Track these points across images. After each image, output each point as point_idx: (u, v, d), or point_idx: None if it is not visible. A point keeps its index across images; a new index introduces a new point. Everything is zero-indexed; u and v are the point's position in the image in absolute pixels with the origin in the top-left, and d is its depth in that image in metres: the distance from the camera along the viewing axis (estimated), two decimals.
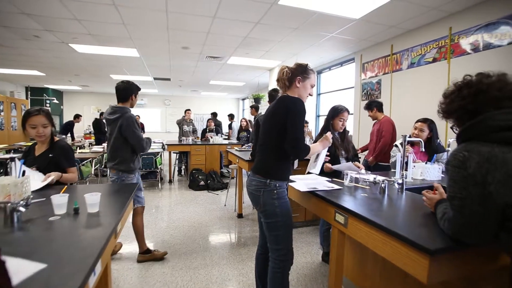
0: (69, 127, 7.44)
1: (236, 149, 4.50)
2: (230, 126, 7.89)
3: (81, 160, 4.27)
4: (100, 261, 0.98)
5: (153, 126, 12.53)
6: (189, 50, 5.14)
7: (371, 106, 3.60)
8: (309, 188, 1.74)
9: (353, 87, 5.18)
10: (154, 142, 6.18)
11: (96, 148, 5.65)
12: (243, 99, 13.64)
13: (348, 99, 5.30)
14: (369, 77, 4.71)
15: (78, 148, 6.24)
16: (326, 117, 2.46)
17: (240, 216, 3.73)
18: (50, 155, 1.93)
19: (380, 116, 3.57)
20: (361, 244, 1.34)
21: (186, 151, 6.15)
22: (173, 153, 6.42)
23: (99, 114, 8.16)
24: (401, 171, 1.87)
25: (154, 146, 6.13)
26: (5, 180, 1.36)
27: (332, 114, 2.40)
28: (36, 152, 1.96)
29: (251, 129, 6.20)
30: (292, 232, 1.64)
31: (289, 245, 1.61)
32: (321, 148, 1.75)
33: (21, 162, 1.53)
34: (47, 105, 9.39)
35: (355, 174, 1.91)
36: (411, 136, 2.48)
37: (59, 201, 1.29)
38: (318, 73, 6.41)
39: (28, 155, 1.97)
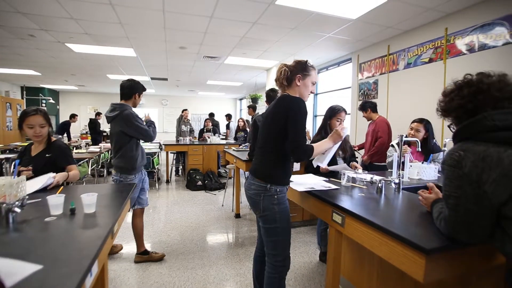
0: (66, 127, 7.39)
1: (234, 149, 4.49)
2: (228, 126, 7.88)
3: (78, 160, 4.24)
4: (97, 262, 0.97)
5: None
6: (186, 50, 5.12)
7: (365, 107, 3.61)
8: (307, 188, 1.75)
9: (350, 87, 5.20)
10: (151, 143, 6.15)
11: (93, 148, 5.62)
12: (241, 99, 13.64)
13: (345, 99, 5.32)
14: (366, 77, 4.73)
15: (75, 148, 6.19)
16: (324, 117, 2.47)
17: (238, 216, 3.73)
18: (47, 155, 1.92)
19: (375, 117, 3.58)
20: (359, 244, 1.34)
21: (184, 151, 6.14)
22: (171, 153, 6.40)
23: (95, 115, 8.11)
24: (398, 171, 1.87)
25: (152, 146, 6.10)
26: (0, 181, 1.35)
27: (330, 114, 2.41)
28: (33, 152, 1.94)
29: (249, 129, 6.20)
30: (290, 238, 1.61)
31: (287, 251, 1.57)
32: (331, 145, 1.63)
33: (17, 162, 1.52)
34: (43, 105, 9.30)
35: (352, 174, 1.91)
36: (407, 136, 2.49)
37: (55, 202, 1.29)
38: None
39: (24, 155, 1.96)
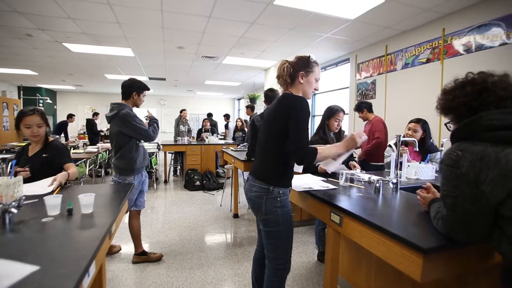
0: (63, 127, 7.36)
1: (232, 149, 4.49)
2: (227, 126, 7.89)
3: (76, 161, 4.21)
4: (95, 262, 0.97)
5: None
6: (185, 50, 5.11)
7: (361, 108, 3.62)
8: (305, 188, 1.74)
9: (348, 87, 5.21)
10: (150, 143, 6.13)
11: (91, 149, 5.59)
12: (239, 99, 13.63)
13: (343, 99, 5.33)
14: (364, 77, 4.74)
15: (72, 148, 6.16)
16: (322, 118, 2.47)
17: (236, 216, 3.73)
18: (44, 155, 1.91)
19: (371, 117, 3.60)
20: (357, 244, 1.34)
21: (182, 151, 6.13)
22: (169, 153, 6.38)
23: (92, 115, 8.07)
24: (396, 171, 1.88)
25: (150, 146, 6.08)
26: None
27: (328, 115, 2.42)
28: (30, 153, 1.94)
29: (247, 129, 6.19)
30: (292, 241, 1.55)
31: (288, 255, 1.52)
32: (343, 152, 1.49)
33: (13, 163, 1.51)
34: (40, 105, 9.25)
35: (350, 174, 1.92)
36: (405, 136, 2.50)
37: (53, 202, 1.28)
38: None
39: (21, 156, 1.95)
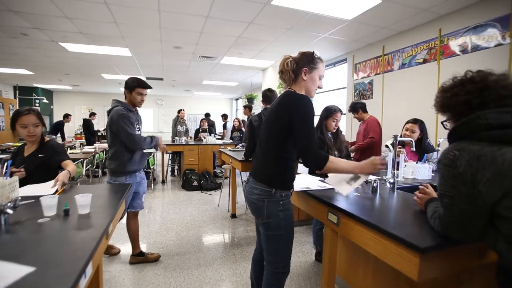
0: (59, 127, 7.30)
1: (230, 149, 4.49)
2: (225, 126, 7.88)
3: (73, 161, 4.18)
4: (91, 263, 0.96)
5: (146, 126, 12.42)
6: (182, 50, 5.10)
7: (356, 108, 3.63)
8: (302, 188, 1.75)
9: (346, 88, 5.23)
10: None
11: (87, 149, 5.56)
12: (237, 99, 13.62)
13: (341, 99, 5.35)
14: (361, 78, 4.76)
15: (69, 149, 6.12)
16: (319, 118, 2.47)
17: (234, 216, 3.72)
18: (40, 155, 1.90)
19: (366, 117, 3.61)
20: (354, 243, 1.35)
21: (179, 151, 6.11)
22: (166, 153, 6.37)
23: (89, 115, 8.03)
24: (393, 171, 1.89)
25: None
26: None
27: (325, 115, 2.42)
28: (25, 153, 1.92)
29: (244, 129, 6.19)
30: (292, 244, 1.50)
31: (288, 259, 1.47)
32: (356, 172, 1.40)
33: (9, 163, 1.50)
34: (37, 105, 9.20)
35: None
36: (402, 137, 2.51)
37: (49, 203, 1.27)
38: None
39: (17, 156, 1.93)
